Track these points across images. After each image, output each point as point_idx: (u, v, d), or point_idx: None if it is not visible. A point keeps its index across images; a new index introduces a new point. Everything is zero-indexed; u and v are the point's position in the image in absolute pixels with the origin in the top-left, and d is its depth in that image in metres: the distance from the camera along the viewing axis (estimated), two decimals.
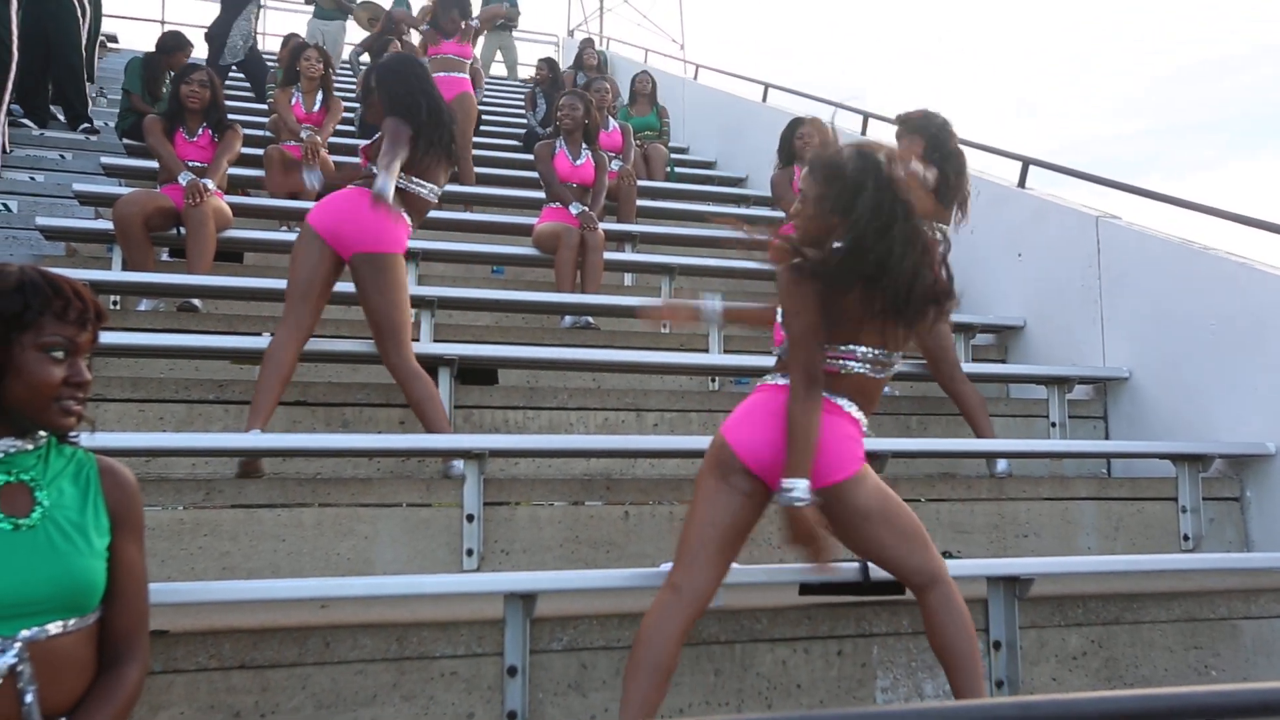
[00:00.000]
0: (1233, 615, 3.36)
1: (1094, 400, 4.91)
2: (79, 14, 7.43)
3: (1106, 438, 4.85)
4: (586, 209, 5.49)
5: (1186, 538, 4.07)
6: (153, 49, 7.18)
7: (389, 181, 3.54)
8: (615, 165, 6.53)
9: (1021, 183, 5.65)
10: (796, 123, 6.14)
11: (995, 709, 1.00)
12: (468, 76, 7.04)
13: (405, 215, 3.77)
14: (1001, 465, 4.36)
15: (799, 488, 2.34)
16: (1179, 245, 4.62)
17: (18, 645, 1.56)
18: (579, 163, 5.66)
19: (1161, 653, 3.25)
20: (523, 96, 9.96)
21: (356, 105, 7.95)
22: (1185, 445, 4.20)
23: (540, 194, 5.95)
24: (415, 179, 3.80)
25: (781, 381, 2.47)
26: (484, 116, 8.44)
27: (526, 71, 12.90)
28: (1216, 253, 4.46)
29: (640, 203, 6.84)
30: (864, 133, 7.44)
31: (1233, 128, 44.77)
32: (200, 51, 7.94)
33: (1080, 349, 5.01)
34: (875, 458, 3.71)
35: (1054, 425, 4.71)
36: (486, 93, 9.75)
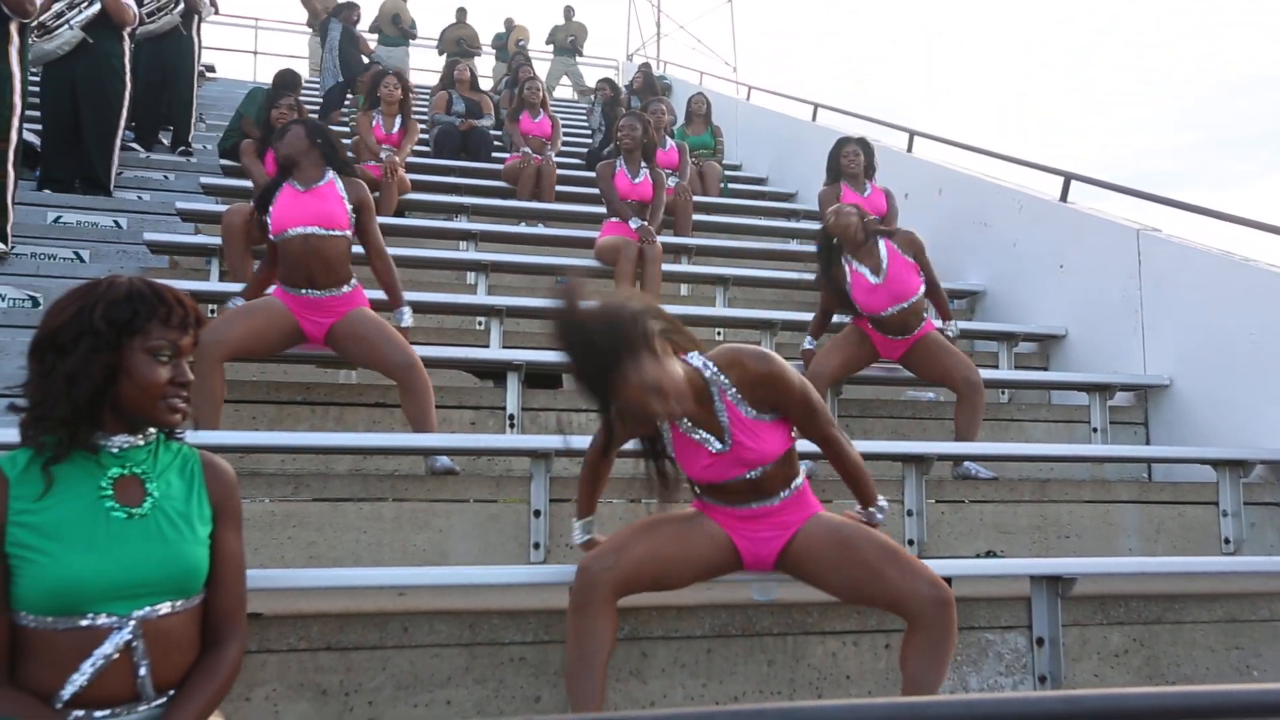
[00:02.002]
0: (1274, 617, 3.25)
1: (1135, 407, 4.80)
2: (195, 54, 7.74)
3: (1147, 443, 4.74)
4: (645, 223, 5.51)
5: (1227, 541, 3.96)
6: (270, 86, 7.37)
7: None
8: (672, 182, 6.54)
9: (1063, 197, 5.56)
10: (843, 142, 6.13)
11: (1041, 702, 0.98)
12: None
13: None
14: (971, 468, 4.14)
15: None
16: (1220, 257, 4.51)
17: (132, 623, 1.61)
18: (638, 180, 5.68)
19: (1203, 652, 3.16)
20: (585, 114, 10.03)
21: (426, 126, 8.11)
22: (1227, 451, 4.09)
23: (602, 209, 5.98)
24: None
25: None
26: None
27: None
28: (1257, 264, 4.33)
29: (695, 217, 6.84)
30: (909, 149, 7.37)
31: (1274, 142, 43.41)
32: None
33: (1121, 357, 4.90)
34: (921, 459, 3.69)
35: (1095, 431, 4.61)
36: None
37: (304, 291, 3.59)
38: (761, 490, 2.44)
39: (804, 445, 2.59)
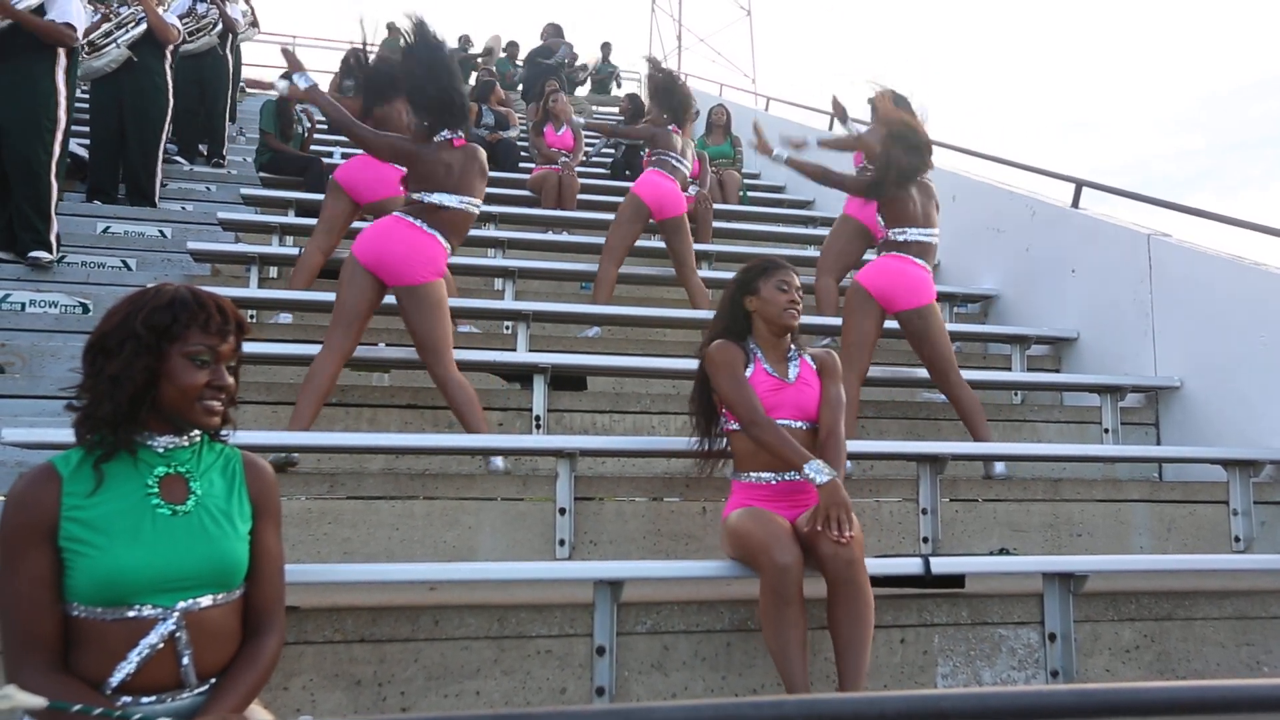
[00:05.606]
0: None
1: (1146, 408, 4.75)
2: (230, 69, 7.86)
3: (1158, 444, 4.68)
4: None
5: (1238, 539, 3.90)
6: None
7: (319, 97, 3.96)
8: (693, 190, 6.55)
9: (1075, 203, 5.50)
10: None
11: (1053, 696, 0.97)
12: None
13: (442, 238, 3.68)
14: (999, 468, 4.14)
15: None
16: (1229, 261, 4.45)
17: (176, 615, 1.63)
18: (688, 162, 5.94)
19: (1214, 648, 3.12)
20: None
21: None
22: (1237, 451, 4.03)
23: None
24: (455, 195, 3.74)
25: None
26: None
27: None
28: (1266, 268, 4.28)
29: (716, 224, 6.86)
30: None
31: None
32: None
33: (1132, 360, 4.85)
34: (936, 460, 3.66)
35: (1107, 431, 4.57)
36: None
37: None
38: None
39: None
